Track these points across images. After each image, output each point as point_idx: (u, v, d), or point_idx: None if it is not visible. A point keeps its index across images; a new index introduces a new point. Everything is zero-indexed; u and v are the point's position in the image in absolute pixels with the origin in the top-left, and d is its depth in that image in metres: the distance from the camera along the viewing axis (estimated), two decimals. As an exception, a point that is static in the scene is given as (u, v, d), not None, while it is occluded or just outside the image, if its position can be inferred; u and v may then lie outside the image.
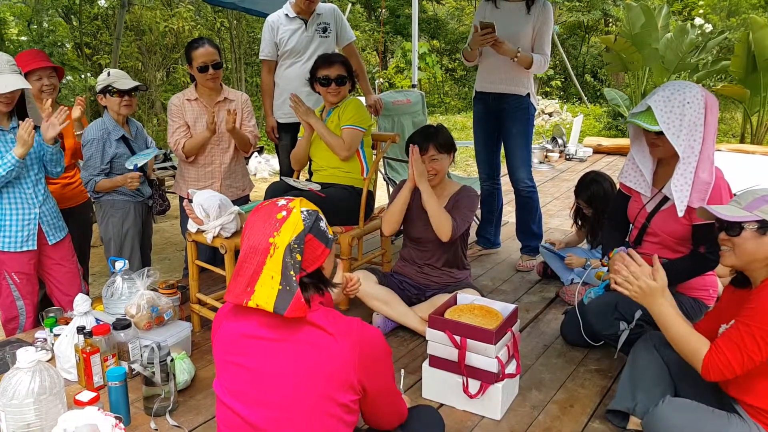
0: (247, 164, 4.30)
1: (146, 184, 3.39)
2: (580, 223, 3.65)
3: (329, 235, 1.54)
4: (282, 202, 1.51)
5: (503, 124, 3.74)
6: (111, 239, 3.33)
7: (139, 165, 3.19)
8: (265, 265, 1.43)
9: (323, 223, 1.53)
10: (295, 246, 1.44)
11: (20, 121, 2.82)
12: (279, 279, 1.42)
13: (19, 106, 2.82)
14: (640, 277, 1.93)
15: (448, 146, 2.90)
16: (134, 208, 3.34)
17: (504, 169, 3.90)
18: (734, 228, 1.86)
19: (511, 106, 3.68)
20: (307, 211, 1.49)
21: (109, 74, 3.20)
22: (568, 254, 3.48)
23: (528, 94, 3.67)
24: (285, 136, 4.00)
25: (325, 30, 3.84)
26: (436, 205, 2.80)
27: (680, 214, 2.33)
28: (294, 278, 1.43)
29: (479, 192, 3.99)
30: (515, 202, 3.90)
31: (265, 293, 1.42)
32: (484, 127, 3.86)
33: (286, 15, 3.80)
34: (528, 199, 3.82)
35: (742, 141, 9.60)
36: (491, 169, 3.95)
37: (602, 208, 3.28)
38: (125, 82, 3.20)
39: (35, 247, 2.88)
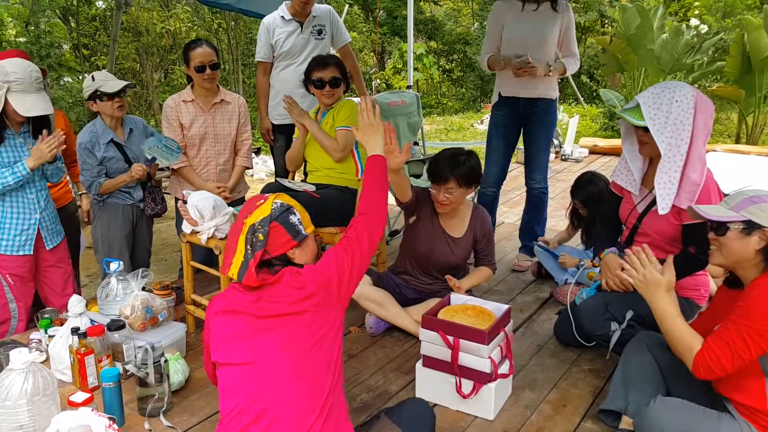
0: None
1: (138, 187, 3.35)
2: (576, 223, 3.66)
3: (300, 229, 1.75)
4: (267, 195, 1.76)
5: (529, 127, 3.72)
6: (99, 240, 3.34)
7: (156, 160, 3.20)
8: (238, 241, 1.70)
9: (294, 218, 1.75)
10: (259, 227, 1.69)
11: (32, 127, 2.81)
12: (243, 252, 1.68)
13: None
14: (647, 265, 1.95)
15: (470, 179, 2.74)
16: (123, 211, 3.32)
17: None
18: (721, 228, 1.88)
19: (541, 110, 3.65)
20: (280, 203, 1.75)
21: (93, 78, 3.13)
22: (561, 253, 3.49)
23: (556, 98, 3.69)
24: (280, 138, 4.01)
25: (320, 32, 3.84)
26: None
27: (660, 212, 2.35)
28: (251, 252, 1.67)
29: (481, 197, 3.96)
30: (526, 202, 3.91)
31: (236, 264, 1.69)
32: (506, 133, 3.78)
33: (282, 17, 3.80)
34: (538, 200, 3.83)
35: (737, 141, 9.62)
36: (501, 176, 3.89)
37: (597, 209, 3.29)
38: (113, 83, 3.14)
39: (31, 252, 2.87)
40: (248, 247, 1.67)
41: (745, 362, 1.78)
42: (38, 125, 2.86)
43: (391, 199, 4.03)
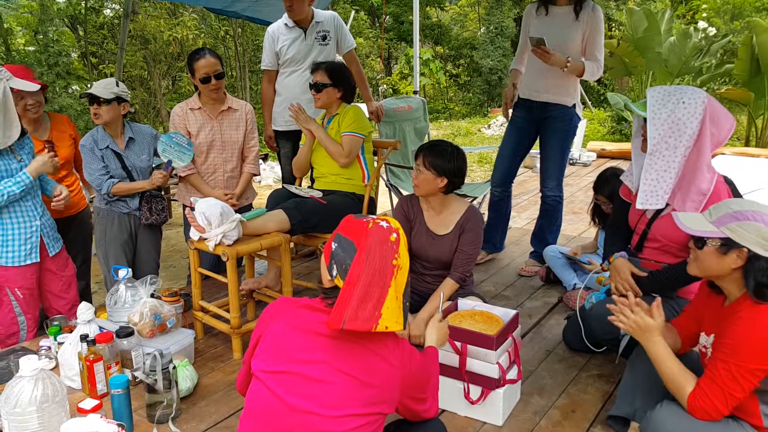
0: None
1: (136, 196, 3.33)
2: (597, 220, 3.58)
3: None
4: (384, 223, 1.56)
5: (543, 133, 3.69)
6: (99, 247, 3.36)
7: (173, 163, 3.22)
8: (390, 287, 1.50)
9: None
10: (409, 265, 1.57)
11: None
12: (401, 298, 1.52)
13: None
14: (638, 312, 1.94)
15: (439, 168, 2.74)
16: (119, 218, 3.32)
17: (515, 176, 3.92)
18: (699, 240, 1.84)
19: (554, 116, 3.60)
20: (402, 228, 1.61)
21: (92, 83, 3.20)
22: (588, 259, 3.47)
23: (573, 105, 3.60)
24: (286, 144, 4.02)
25: (324, 38, 3.86)
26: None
27: (638, 206, 2.37)
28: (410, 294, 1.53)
29: (488, 197, 3.97)
30: (540, 208, 3.89)
31: (393, 315, 1.48)
32: (519, 134, 3.78)
33: (285, 24, 3.82)
34: (551, 208, 3.80)
35: (746, 144, 9.56)
36: (508, 175, 3.89)
37: None
38: (93, 90, 3.15)
39: (38, 260, 2.88)
40: (409, 290, 1.56)
41: (739, 400, 1.75)
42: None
43: (386, 205, 4.01)
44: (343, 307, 1.48)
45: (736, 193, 2.75)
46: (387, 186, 4.65)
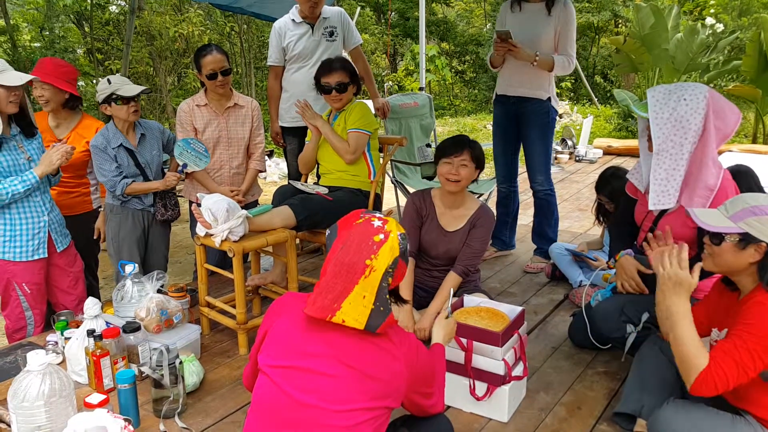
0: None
1: (149, 193, 3.34)
2: (602, 219, 3.58)
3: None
4: (377, 223, 1.54)
5: (523, 128, 3.72)
6: (110, 242, 3.38)
7: (188, 167, 3.26)
8: (358, 284, 1.48)
9: (407, 243, 1.59)
10: (390, 270, 1.51)
11: (20, 128, 2.82)
12: (372, 300, 1.48)
13: (21, 114, 2.78)
14: (682, 261, 1.83)
15: (479, 161, 2.86)
16: (132, 215, 3.33)
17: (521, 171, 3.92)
18: (716, 236, 1.83)
19: (531, 111, 3.64)
20: (401, 235, 1.55)
21: (109, 82, 3.13)
22: (594, 255, 3.46)
23: (549, 98, 3.63)
24: (292, 140, 4.03)
25: (331, 34, 3.86)
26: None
27: (650, 207, 2.37)
28: (389, 300, 1.51)
29: (496, 194, 3.99)
30: (533, 204, 3.90)
31: (355, 311, 1.47)
32: (503, 131, 3.83)
33: (293, 20, 3.82)
34: (545, 202, 3.81)
35: (754, 141, 9.52)
36: (508, 172, 3.93)
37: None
38: (129, 88, 3.15)
39: (46, 255, 2.88)
40: (385, 295, 1.50)
41: (748, 378, 1.74)
42: (25, 126, 2.83)
43: (392, 201, 3.97)
44: (314, 294, 1.54)
45: (757, 186, 2.73)
46: (393, 182, 4.65)
